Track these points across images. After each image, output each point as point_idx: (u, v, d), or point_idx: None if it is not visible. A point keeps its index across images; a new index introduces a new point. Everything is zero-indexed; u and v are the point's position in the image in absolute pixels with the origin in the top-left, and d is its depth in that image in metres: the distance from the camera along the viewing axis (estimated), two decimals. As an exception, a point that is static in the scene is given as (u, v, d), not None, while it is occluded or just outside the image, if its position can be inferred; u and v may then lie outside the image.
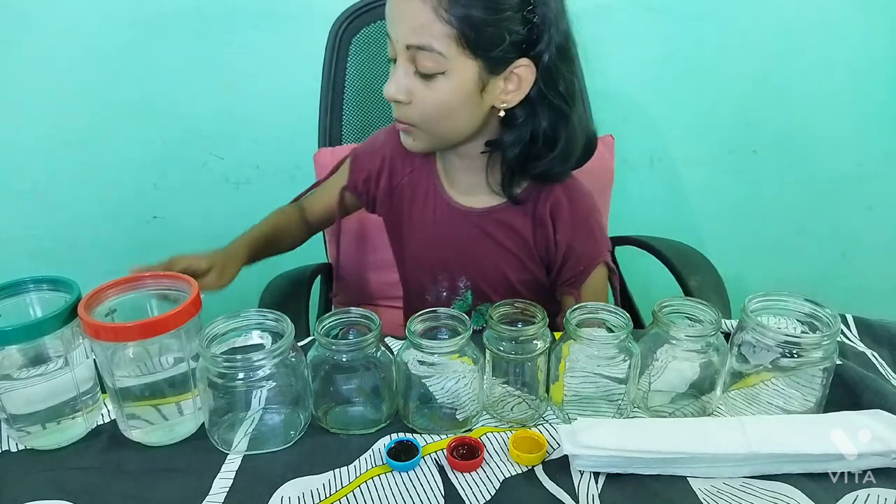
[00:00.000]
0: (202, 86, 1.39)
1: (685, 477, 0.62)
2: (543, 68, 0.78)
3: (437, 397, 0.69)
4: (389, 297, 1.22)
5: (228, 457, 0.65)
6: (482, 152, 0.86)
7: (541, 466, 0.63)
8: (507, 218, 0.91)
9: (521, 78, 0.78)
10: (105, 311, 0.65)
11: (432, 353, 0.65)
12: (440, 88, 0.77)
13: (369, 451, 0.65)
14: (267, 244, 0.98)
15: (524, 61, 0.78)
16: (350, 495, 0.60)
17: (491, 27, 0.74)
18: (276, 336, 0.66)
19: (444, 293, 0.97)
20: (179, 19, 1.33)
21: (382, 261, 1.09)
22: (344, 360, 0.66)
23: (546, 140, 0.82)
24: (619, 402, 0.69)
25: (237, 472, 0.63)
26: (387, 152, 0.95)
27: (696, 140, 1.54)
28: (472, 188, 0.91)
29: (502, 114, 0.81)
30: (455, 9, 0.72)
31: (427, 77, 0.77)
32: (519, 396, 0.71)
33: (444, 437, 0.67)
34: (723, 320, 0.76)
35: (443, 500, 0.60)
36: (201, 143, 1.45)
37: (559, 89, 0.80)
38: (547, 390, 0.71)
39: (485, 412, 0.71)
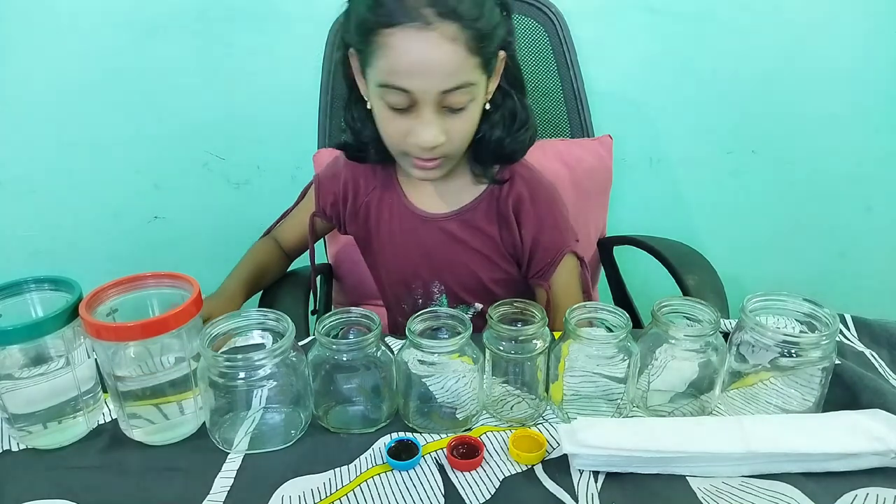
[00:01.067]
0: (202, 86, 1.39)
1: (684, 476, 0.62)
2: (510, 52, 0.82)
3: (437, 397, 0.69)
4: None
5: (229, 456, 0.65)
6: None
7: (540, 465, 0.64)
8: (471, 219, 0.92)
9: (498, 69, 0.82)
10: (106, 310, 0.66)
11: (432, 353, 0.65)
12: (470, 115, 0.79)
13: (369, 451, 0.66)
14: (256, 284, 0.99)
15: (501, 53, 0.80)
16: (350, 494, 0.61)
17: (496, 40, 0.76)
18: (277, 335, 0.67)
19: (420, 300, 0.98)
20: (180, 20, 1.33)
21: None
22: (344, 359, 0.66)
23: (524, 110, 0.86)
24: (619, 401, 0.69)
25: (238, 471, 0.63)
26: (348, 174, 0.96)
27: (696, 140, 1.54)
28: (436, 194, 0.92)
29: (488, 106, 0.83)
30: (481, 38, 0.73)
31: (457, 110, 0.77)
32: (519, 396, 0.71)
33: (444, 436, 0.67)
34: (722, 320, 0.76)
35: (443, 500, 0.60)
36: (201, 143, 1.45)
37: (518, 63, 0.85)
38: (546, 390, 0.72)
39: (485, 411, 0.71)
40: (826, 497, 0.59)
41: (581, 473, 0.62)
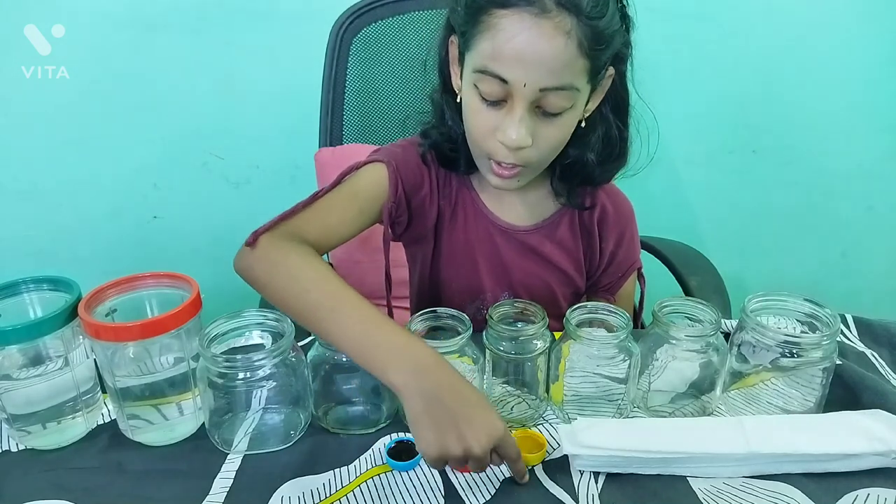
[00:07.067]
0: (202, 86, 1.39)
1: (685, 477, 0.62)
2: (622, 70, 0.75)
3: (437, 397, 0.69)
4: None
5: (228, 457, 0.65)
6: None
7: (541, 466, 0.64)
8: (553, 233, 0.87)
9: (604, 85, 0.75)
10: (105, 310, 0.66)
11: (432, 353, 0.65)
12: (564, 123, 0.72)
13: (369, 451, 0.65)
14: None
15: (611, 69, 0.74)
16: (350, 495, 0.60)
17: (611, 48, 0.69)
18: (277, 336, 0.66)
19: (485, 310, 0.93)
20: (179, 19, 1.32)
21: (382, 260, 1.09)
22: (344, 359, 0.66)
23: (621, 140, 0.80)
24: (619, 401, 0.69)
25: (237, 471, 0.63)
26: (426, 170, 0.85)
27: (696, 140, 1.54)
28: (517, 205, 0.86)
29: (583, 124, 0.76)
30: (597, 39, 0.66)
31: (552, 115, 0.70)
32: (519, 396, 0.71)
33: (444, 436, 0.67)
34: (722, 320, 0.76)
35: (443, 500, 0.60)
36: (201, 143, 1.45)
37: (627, 85, 0.78)
38: (547, 390, 0.72)
39: (485, 412, 0.71)
40: (827, 497, 0.59)
41: (581, 474, 0.62)
